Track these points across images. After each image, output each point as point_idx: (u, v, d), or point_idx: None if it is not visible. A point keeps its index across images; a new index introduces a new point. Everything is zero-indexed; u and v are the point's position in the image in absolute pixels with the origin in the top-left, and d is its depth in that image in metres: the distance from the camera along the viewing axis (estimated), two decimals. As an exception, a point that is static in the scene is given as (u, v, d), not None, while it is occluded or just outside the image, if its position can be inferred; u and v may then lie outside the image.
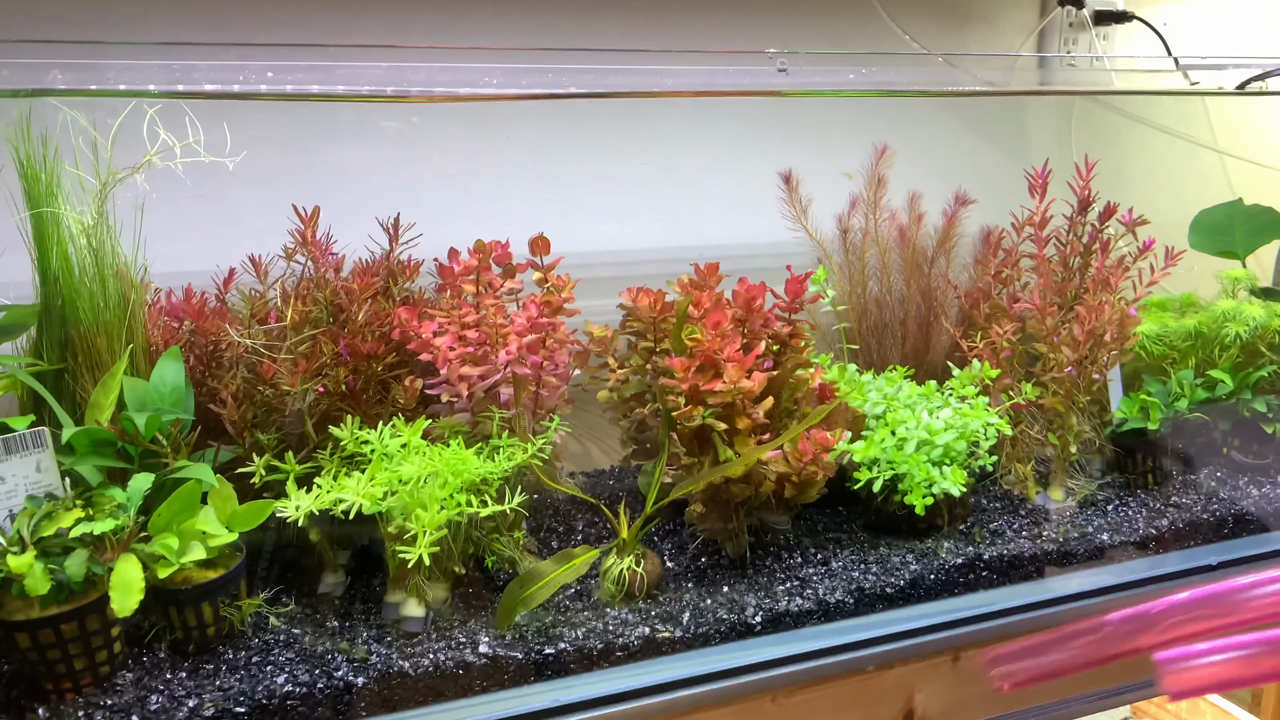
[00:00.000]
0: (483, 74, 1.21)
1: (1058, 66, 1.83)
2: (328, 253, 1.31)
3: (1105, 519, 1.43)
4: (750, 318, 1.30)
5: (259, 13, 1.41)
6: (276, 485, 1.14)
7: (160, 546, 1.04)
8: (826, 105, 1.75)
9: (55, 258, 1.15)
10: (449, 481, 1.12)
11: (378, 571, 1.23)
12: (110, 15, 1.35)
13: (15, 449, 1.07)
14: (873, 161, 1.61)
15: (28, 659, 0.99)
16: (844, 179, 1.63)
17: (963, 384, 1.45)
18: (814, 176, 1.64)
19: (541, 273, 1.37)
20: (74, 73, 1.03)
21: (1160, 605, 0.75)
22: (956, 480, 1.28)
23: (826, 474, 1.26)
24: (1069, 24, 1.94)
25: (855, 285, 1.64)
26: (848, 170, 1.63)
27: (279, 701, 1.01)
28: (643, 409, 1.39)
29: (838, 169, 1.62)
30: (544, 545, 1.33)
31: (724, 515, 1.26)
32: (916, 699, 1.22)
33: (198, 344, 1.25)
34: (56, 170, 1.13)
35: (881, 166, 1.62)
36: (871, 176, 1.62)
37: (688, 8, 1.64)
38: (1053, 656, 0.80)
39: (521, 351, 1.28)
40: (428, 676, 1.06)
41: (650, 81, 1.30)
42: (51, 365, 1.18)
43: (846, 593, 1.22)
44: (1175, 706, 2.44)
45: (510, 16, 1.54)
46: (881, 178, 1.62)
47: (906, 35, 1.76)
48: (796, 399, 1.33)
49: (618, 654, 1.12)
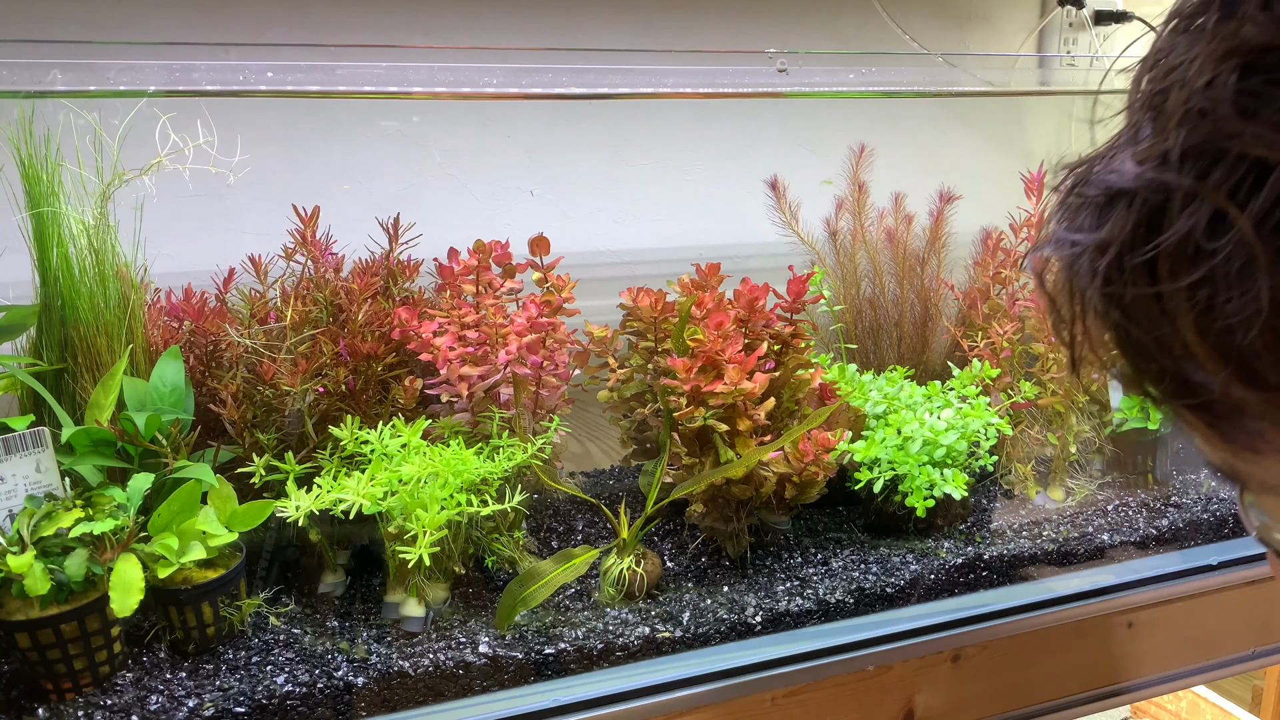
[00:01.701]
0: (483, 74, 1.21)
1: (1058, 66, 1.83)
2: (327, 253, 1.31)
3: (1105, 519, 1.43)
4: (753, 318, 1.30)
5: (259, 13, 1.41)
6: (276, 485, 1.14)
7: (160, 546, 1.04)
8: (826, 105, 1.75)
9: (55, 258, 1.15)
10: (449, 481, 1.12)
11: (378, 571, 1.23)
12: (110, 15, 1.35)
13: (15, 449, 1.07)
14: (852, 164, 1.61)
15: (28, 659, 0.99)
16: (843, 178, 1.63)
17: (963, 384, 1.45)
18: (813, 177, 1.64)
19: (541, 273, 1.37)
20: (74, 73, 1.04)
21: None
22: (958, 483, 1.28)
23: (827, 474, 1.26)
24: (1069, 24, 1.94)
25: (849, 287, 1.64)
26: (827, 177, 1.63)
27: (279, 701, 1.01)
28: (643, 409, 1.39)
29: (838, 169, 1.62)
30: (544, 545, 1.33)
31: (724, 515, 1.26)
32: (916, 699, 1.22)
33: (198, 344, 1.25)
34: (57, 170, 1.13)
35: (879, 167, 1.62)
36: (854, 178, 1.62)
37: (688, 8, 1.64)
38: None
39: (521, 351, 1.28)
40: (427, 676, 1.06)
41: (650, 81, 1.30)
42: (51, 365, 1.18)
43: (846, 593, 1.22)
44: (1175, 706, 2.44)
45: (510, 16, 1.54)
46: (863, 184, 1.62)
47: (906, 35, 1.76)
48: (798, 399, 1.33)
49: (618, 654, 1.12)
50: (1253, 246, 0.42)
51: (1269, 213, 0.42)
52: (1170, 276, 0.45)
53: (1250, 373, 0.45)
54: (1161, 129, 0.46)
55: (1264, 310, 0.42)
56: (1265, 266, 0.42)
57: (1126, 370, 0.52)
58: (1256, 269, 0.42)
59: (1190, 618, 1.37)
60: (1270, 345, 0.43)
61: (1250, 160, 0.43)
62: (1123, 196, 0.47)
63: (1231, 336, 0.44)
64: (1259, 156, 0.42)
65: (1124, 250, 0.47)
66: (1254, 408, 0.46)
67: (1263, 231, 0.42)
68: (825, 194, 1.65)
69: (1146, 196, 0.46)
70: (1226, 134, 0.43)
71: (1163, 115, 0.47)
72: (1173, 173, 0.45)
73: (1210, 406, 0.48)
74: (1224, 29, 0.45)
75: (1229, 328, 0.44)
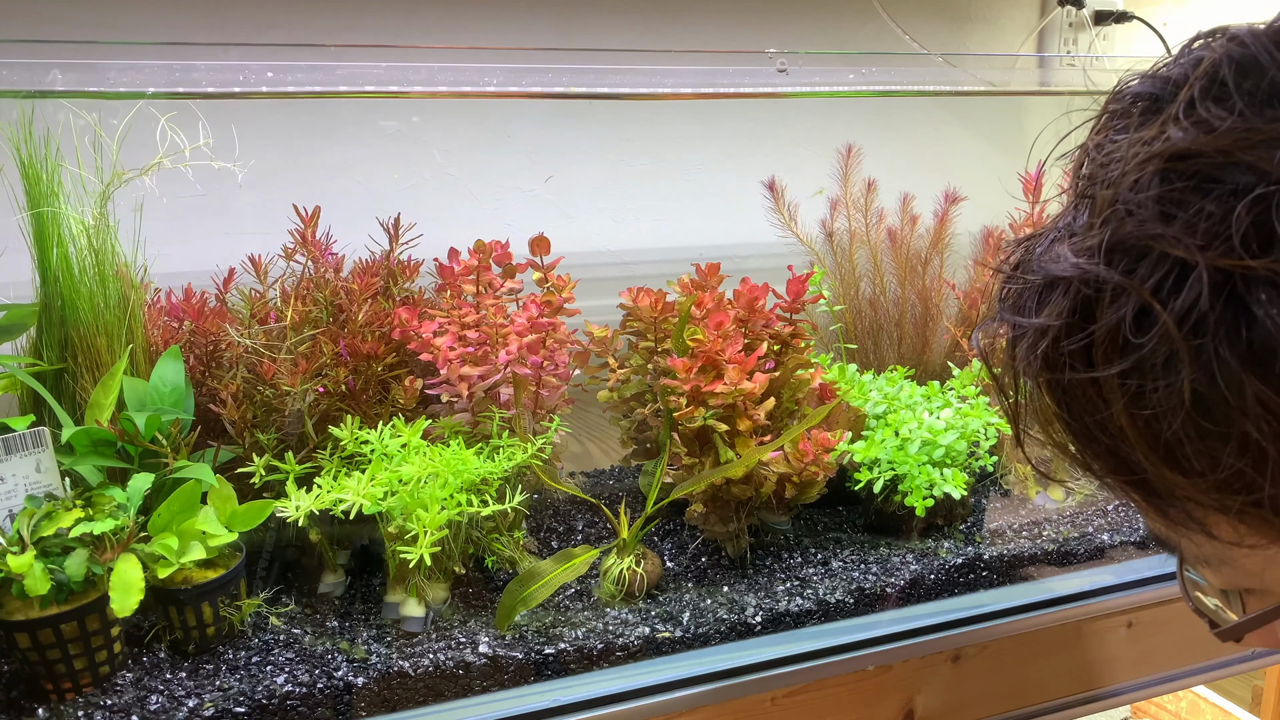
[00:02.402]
0: (483, 74, 1.21)
1: (1058, 66, 1.83)
2: (328, 253, 1.31)
3: (1105, 519, 1.43)
4: (752, 318, 1.30)
5: (259, 13, 1.41)
6: (276, 485, 1.14)
7: (160, 546, 1.04)
8: (826, 105, 1.75)
9: (55, 257, 1.15)
10: (449, 482, 1.12)
11: (378, 571, 1.23)
12: (110, 15, 1.35)
13: (15, 449, 1.07)
14: (841, 164, 1.61)
15: (27, 659, 0.99)
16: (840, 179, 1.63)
17: (963, 384, 1.45)
18: (812, 177, 1.64)
19: (541, 273, 1.37)
20: (74, 73, 1.03)
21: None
22: (957, 483, 1.28)
23: (827, 474, 1.26)
24: (1069, 24, 1.94)
25: (848, 287, 1.64)
26: (820, 185, 1.64)
27: (279, 701, 1.01)
28: (643, 409, 1.39)
29: (838, 169, 1.62)
30: (544, 545, 1.33)
31: (724, 515, 1.26)
32: (916, 699, 1.22)
33: (198, 344, 1.25)
34: (57, 170, 1.13)
35: (879, 167, 1.62)
36: (845, 178, 1.62)
37: (688, 8, 1.64)
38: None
39: (521, 351, 1.28)
40: (427, 676, 1.06)
41: (650, 81, 1.30)
42: (51, 365, 1.18)
43: (846, 592, 1.22)
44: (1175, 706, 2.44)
45: (510, 16, 1.54)
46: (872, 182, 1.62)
47: (906, 35, 1.76)
48: (797, 399, 1.33)
49: (618, 654, 1.12)
50: (1175, 342, 0.44)
51: (1189, 311, 0.43)
52: (1104, 363, 0.47)
53: (1175, 458, 0.46)
54: (1092, 223, 0.48)
55: (1186, 402, 0.44)
56: (1186, 361, 0.44)
57: (1069, 446, 0.54)
58: (1179, 362, 0.44)
59: (1190, 618, 1.36)
60: (1192, 434, 0.45)
61: (1172, 260, 0.44)
62: (1060, 283, 0.50)
63: (1159, 424, 0.46)
64: (1179, 257, 0.44)
65: (1061, 335, 0.50)
66: (1182, 489, 0.48)
67: (1184, 328, 0.44)
68: (828, 194, 1.65)
69: (1080, 286, 0.48)
70: (1149, 235, 0.45)
71: (1095, 208, 0.49)
72: (1102, 266, 0.47)
73: (1144, 484, 0.50)
74: (1148, 131, 0.47)
75: (1156, 415, 0.46)
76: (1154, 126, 0.47)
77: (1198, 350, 0.43)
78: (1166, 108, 0.47)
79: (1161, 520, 0.52)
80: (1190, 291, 0.43)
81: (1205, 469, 0.46)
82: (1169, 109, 0.46)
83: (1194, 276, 0.43)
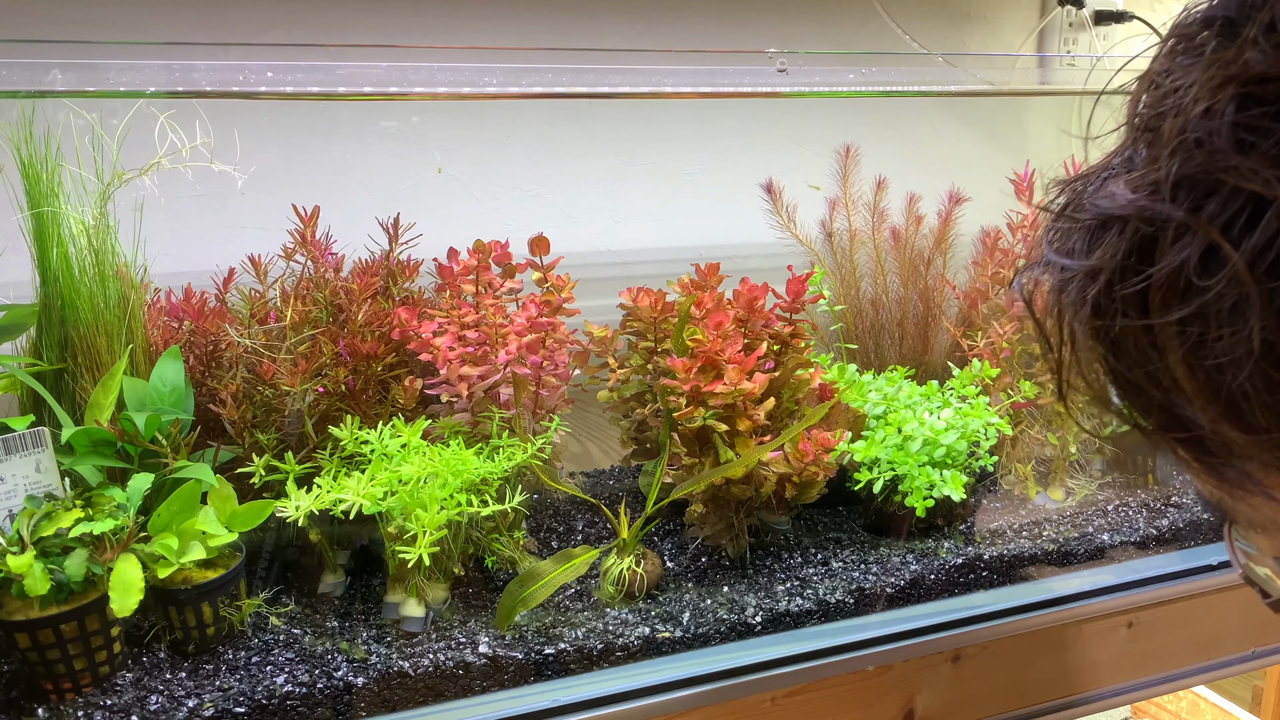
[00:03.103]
0: (483, 74, 1.21)
1: (1058, 66, 1.83)
2: (327, 252, 1.31)
3: (1105, 519, 1.43)
4: (752, 318, 1.30)
5: (259, 13, 1.41)
6: (276, 485, 1.14)
7: (160, 546, 1.04)
8: (826, 105, 1.75)
9: (55, 257, 1.15)
10: (449, 482, 1.12)
11: (378, 571, 1.23)
12: (110, 15, 1.35)
13: (15, 449, 1.07)
14: (839, 165, 1.61)
15: (27, 659, 0.99)
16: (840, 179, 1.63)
17: (963, 384, 1.45)
18: (812, 177, 1.64)
19: (541, 273, 1.37)
20: (74, 73, 1.03)
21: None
22: (956, 486, 1.28)
23: (827, 474, 1.26)
24: (1069, 24, 1.94)
25: (848, 287, 1.64)
26: (815, 183, 1.63)
27: (279, 701, 1.01)
28: (643, 409, 1.39)
29: (837, 169, 1.62)
30: (544, 545, 1.33)
31: (724, 515, 1.26)
32: (916, 699, 1.22)
33: (198, 344, 1.25)
34: (57, 170, 1.13)
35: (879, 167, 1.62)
36: (844, 178, 1.62)
37: (688, 8, 1.64)
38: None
39: (521, 351, 1.28)
40: (427, 676, 1.06)
41: (650, 81, 1.30)
42: (51, 365, 1.18)
43: (846, 593, 1.22)
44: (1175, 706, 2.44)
45: (510, 16, 1.54)
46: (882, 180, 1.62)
47: (906, 35, 1.76)
48: (797, 399, 1.33)
49: (618, 654, 1.12)
50: (1246, 285, 0.40)
51: (1263, 251, 0.40)
52: (1161, 309, 0.44)
53: (1238, 413, 0.43)
54: (1156, 156, 0.44)
55: (1255, 351, 0.41)
56: (1258, 306, 0.40)
57: (1115, 400, 0.50)
58: (1249, 308, 0.40)
59: (1190, 618, 1.37)
60: (1259, 387, 0.41)
61: (1246, 195, 0.41)
62: (1115, 223, 0.46)
63: (1221, 375, 0.42)
64: (1255, 192, 0.40)
65: (1114, 279, 0.46)
66: (1241, 448, 0.44)
67: (1256, 270, 0.40)
68: (825, 194, 1.65)
69: (1138, 225, 0.45)
70: (1222, 167, 0.41)
71: (1158, 141, 0.45)
72: (1166, 203, 0.43)
73: (1199, 442, 0.46)
74: (1224, 54, 0.43)
75: (1219, 366, 0.42)
76: (1231, 49, 0.42)
77: (1271, 294, 0.39)
78: (1244, 30, 0.42)
79: (1215, 481, 0.48)
80: (1266, 229, 0.39)
81: (1271, 425, 0.42)
82: (1247, 30, 0.42)
83: (1271, 213, 0.39)
